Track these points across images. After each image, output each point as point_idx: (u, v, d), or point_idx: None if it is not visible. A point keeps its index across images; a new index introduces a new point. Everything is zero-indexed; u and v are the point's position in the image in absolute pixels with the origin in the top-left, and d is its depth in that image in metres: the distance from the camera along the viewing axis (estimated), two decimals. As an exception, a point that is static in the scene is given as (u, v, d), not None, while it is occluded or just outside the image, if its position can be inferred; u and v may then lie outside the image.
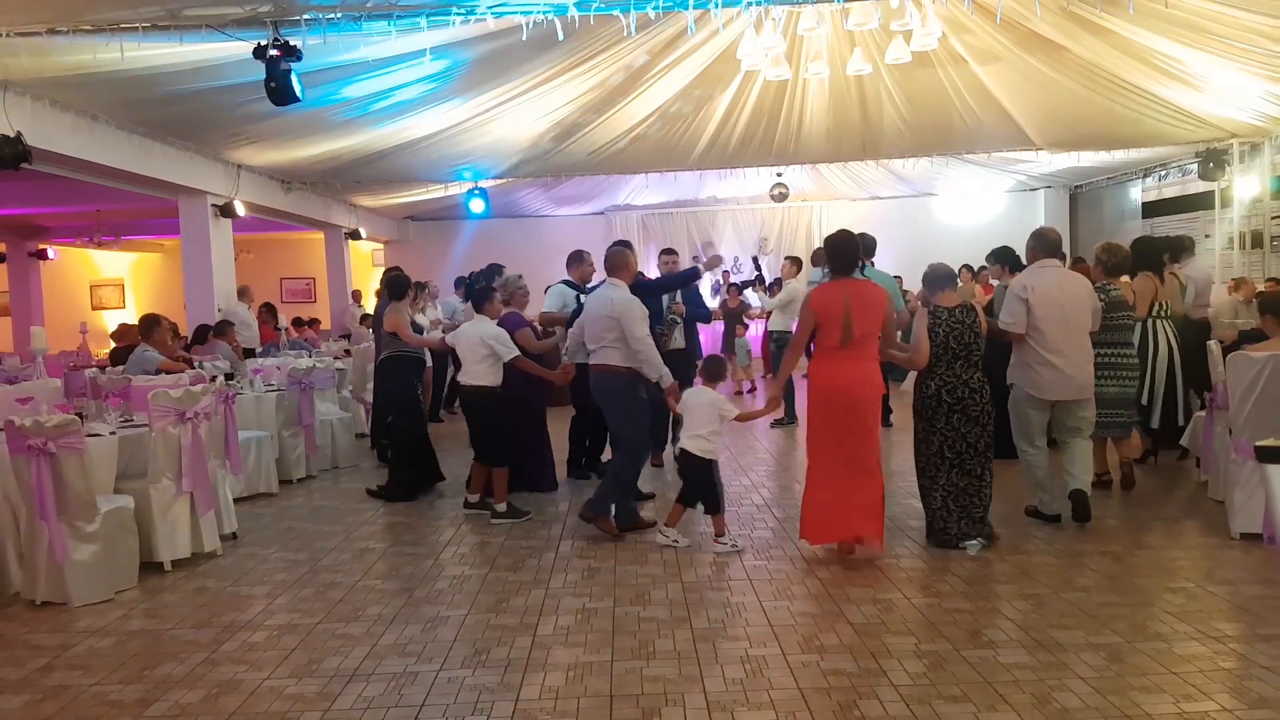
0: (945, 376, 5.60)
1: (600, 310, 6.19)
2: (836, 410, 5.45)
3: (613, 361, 6.16)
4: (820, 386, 5.56)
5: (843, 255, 5.59)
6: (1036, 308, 5.88)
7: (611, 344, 6.13)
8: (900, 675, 3.88)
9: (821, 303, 5.46)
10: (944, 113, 11.65)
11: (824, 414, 5.55)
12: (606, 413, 6.44)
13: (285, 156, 11.98)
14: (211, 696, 3.93)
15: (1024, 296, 5.91)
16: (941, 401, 5.59)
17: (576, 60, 9.16)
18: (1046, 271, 6.05)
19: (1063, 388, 5.93)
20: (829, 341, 5.44)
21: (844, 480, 5.46)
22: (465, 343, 6.82)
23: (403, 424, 7.82)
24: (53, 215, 16.36)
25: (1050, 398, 5.97)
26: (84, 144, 8.95)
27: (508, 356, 6.68)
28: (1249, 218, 13.05)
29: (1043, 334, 5.88)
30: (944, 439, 5.61)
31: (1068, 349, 5.90)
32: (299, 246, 20.30)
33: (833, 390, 5.45)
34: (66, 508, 5.15)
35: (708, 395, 5.93)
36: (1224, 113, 11.17)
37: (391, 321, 7.74)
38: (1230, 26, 8.10)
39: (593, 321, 6.25)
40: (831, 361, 5.47)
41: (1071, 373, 5.91)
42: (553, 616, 4.74)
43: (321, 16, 6.74)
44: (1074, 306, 5.97)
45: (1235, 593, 4.77)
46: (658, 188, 17.00)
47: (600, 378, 6.25)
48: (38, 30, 6.57)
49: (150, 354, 8.24)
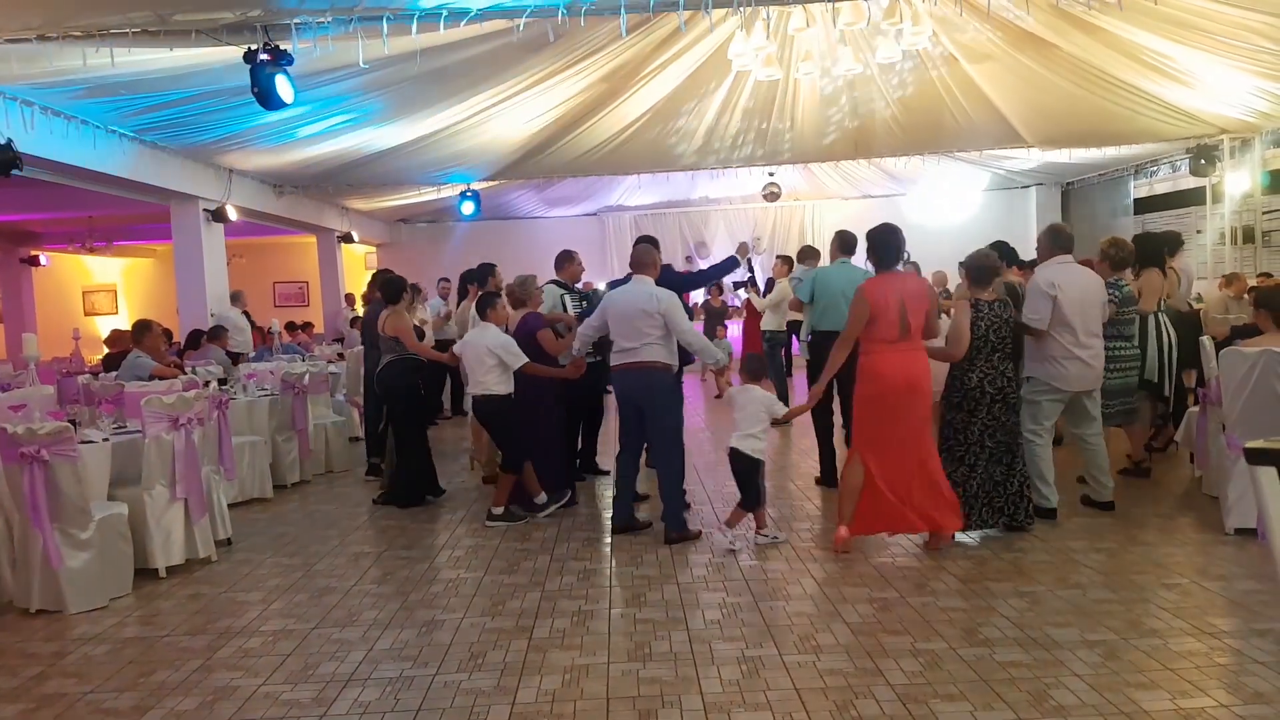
0: (985, 369, 5.74)
1: (640, 305, 5.99)
2: (897, 402, 5.46)
3: (659, 358, 6.03)
4: (880, 379, 5.49)
5: (888, 247, 5.67)
6: (1064, 304, 5.98)
7: (657, 340, 5.99)
8: (896, 674, 3.89)
9: (876, 295, 5.47)
10: (935, 111, 11.68)
11: (882, 407, 5.50)
12: (652, 410, 6.11)
13: (277, 160, 11.96)
14: (207, 703, 3.92)
15: (1051, 294, 5.98)
16: (984, 392, 5.73)
17: (569, 61, 9.17)
18: (1069, 268, 6.15)
19: (1086, 379, 6.09)
20: (886, 334, 5.45)
21: (903, 472, 5.49)
22: (473, 353, 6.69)
23: (411, 427, 7.63)
24: (44, 221, 16.34)
25: (1074, 389, 6.09)
26: (75, 150, 8.93)
27: (516, 365, 6.57)
28: (1240, 213, 13.10)
29: (1070, 329, 5.99)
30: (984, 428, 5.76)
31: (1090, 342, 6.07)
32: (292, 250, 20.30)
33: (894, 383, 5.44)
34: (60, 515, 5.14)
35: (758, 394, 5.89)
36: (1214, 109, 11.21)
37: (395, 326, 7.53)
38: (1220, 23, 8.12)
39: (629, 319, 6.03)
40: (890, 354, 5.46)
41: (1094, 364, 6.10)
42: (549, 619, 4.73)
43: (312, 20, 6.73)
44: (1091, 300, 6.13)
45: (1230, 588, 4.79)
46: (650, 188, 17.04)
47: (645, 374, 6.05)
48: (27, 37, 6.55)
49: (143, 360, 8.22)
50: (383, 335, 7.62)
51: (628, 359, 6.09)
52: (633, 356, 6.06)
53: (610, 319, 6.17)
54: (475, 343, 6.72)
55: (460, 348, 6.93)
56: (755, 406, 5.85)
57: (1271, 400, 5.46)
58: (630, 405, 6.22)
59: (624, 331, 6.07)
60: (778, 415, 5.95)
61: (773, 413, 5.89)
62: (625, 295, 6.18)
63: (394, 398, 7.65)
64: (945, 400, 5.90)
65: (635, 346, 6.03)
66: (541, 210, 18.73)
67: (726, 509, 6.45)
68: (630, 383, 6.15)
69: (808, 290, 7.40)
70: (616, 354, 6.18)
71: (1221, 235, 13.33)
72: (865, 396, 5.59)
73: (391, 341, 7.57)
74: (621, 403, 6.30)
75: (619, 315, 6.10)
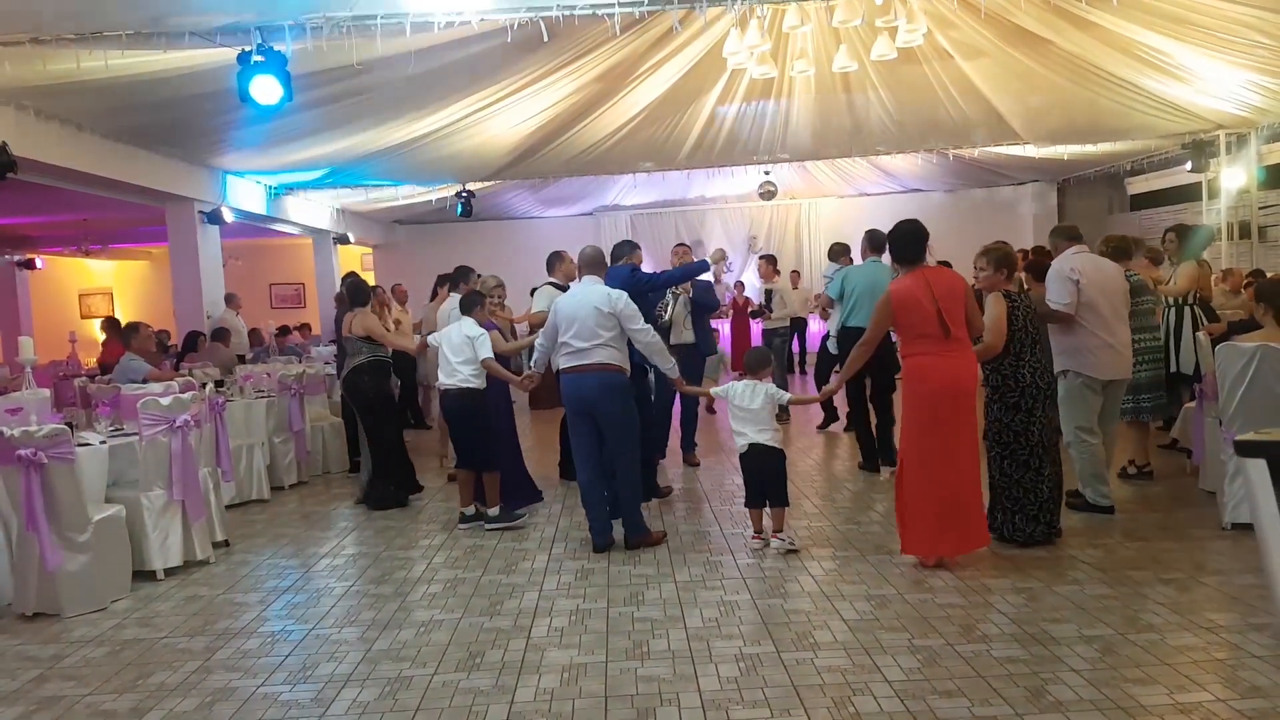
0: (1033, 364, 5.47)
1: (595, 305, 5.81)
2: (945, 407, 5.15)
3: (614, 360, 5.86)
4: (927, 383, 5.18)
5: (912, 244, 5.40)
6: (1086, 288, 5.96)
7: (609, 341, 5.82)
8: (894, 671, 3.89)
9: (903, 296, 5.19)
10: (930, 108, 11.69)
11: (931, 413, 5.17)
12: (607, 412, 5.88)
13: (272, 162, 11.95)
14: (206, 704, 3.92)
15: (1074, 278, 5.96)
16: (1039, 388, 5.47)
17: (563, 61, 9.17)
18: (1085, 255, 6.17)
19: (1118, 367, 6.08)
20: (928, 334, 5.14)
21: (951, 485, 5.14)
22: (449, 343, 6.63)
23: (384, 429, 7.62)
24: (40, 225, 16.31)
25: (1107, 377, 6.05)
26: (70, 153, 8.93)
27: (480, 356, 6.48)
28: (1236, 208, 13.11)
29: (1098, 314, 5.97)
30: (1042, 427, 5.48)
31: (1118, 329, 6.07)
32: (288, 252, 20.28)
33: (942, 387, 5.13)
34: (57, 518, 5.13)
35: (761, 390, 5.73)
36: (1210, 104, 11.22)
37: (364, 325, 7.52)
38: (1214, 18, 8.13)
39: (582, 320, 5.82)
40: (936, 356, 5.15)
41: (1124, 351, 6.11)
42: (546, 618, 4.73)
43: (305, 22, 6.72)
44: (1113, 287, 6.11)
45: (1227, 583, 4.79)
46: (646, 188, 17.03)
47: (604, 376, 5.84)
48: (20, 40, 6.54)
49: (137, 363, 8.21)
50: (350, 337, 7.61)
51: (582, 360, 5.87)
52: (586, 358, 5.85)
53: (561, 320, 5.94)
54: (455, 334, 6.64)
55: (437, 339, 6.83)
56: (764, 402, 5.71)
57: (1268, 395, 5.46)
58: (582, 411, 5.97)
59: (579, 333, 5.84)
60: (783, 402, 5.82)
61: (780, 400, 5.78)
62: (575, 299, 5.98)
63: (363, 400, 7.62)
64: (1000, 401, 5.52)
65: (586, 347, 5.83)
66: (537, 210, 18.73)
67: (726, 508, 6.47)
68: (590, 384, 5.89)
69: (837, 287, 7.47)
70: (566, 356, 5.94)
71: (1218, 230, 13.35)
72: (910, 400, 5.30)
73: (360, 342, 7.54)
74: (571, 411, 6.05)
75: (573, 317, 5.87)
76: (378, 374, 7.63)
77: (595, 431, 5.96)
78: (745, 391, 5.75)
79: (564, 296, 6.19)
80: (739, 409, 5.75)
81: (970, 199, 18.23)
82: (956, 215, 17.61)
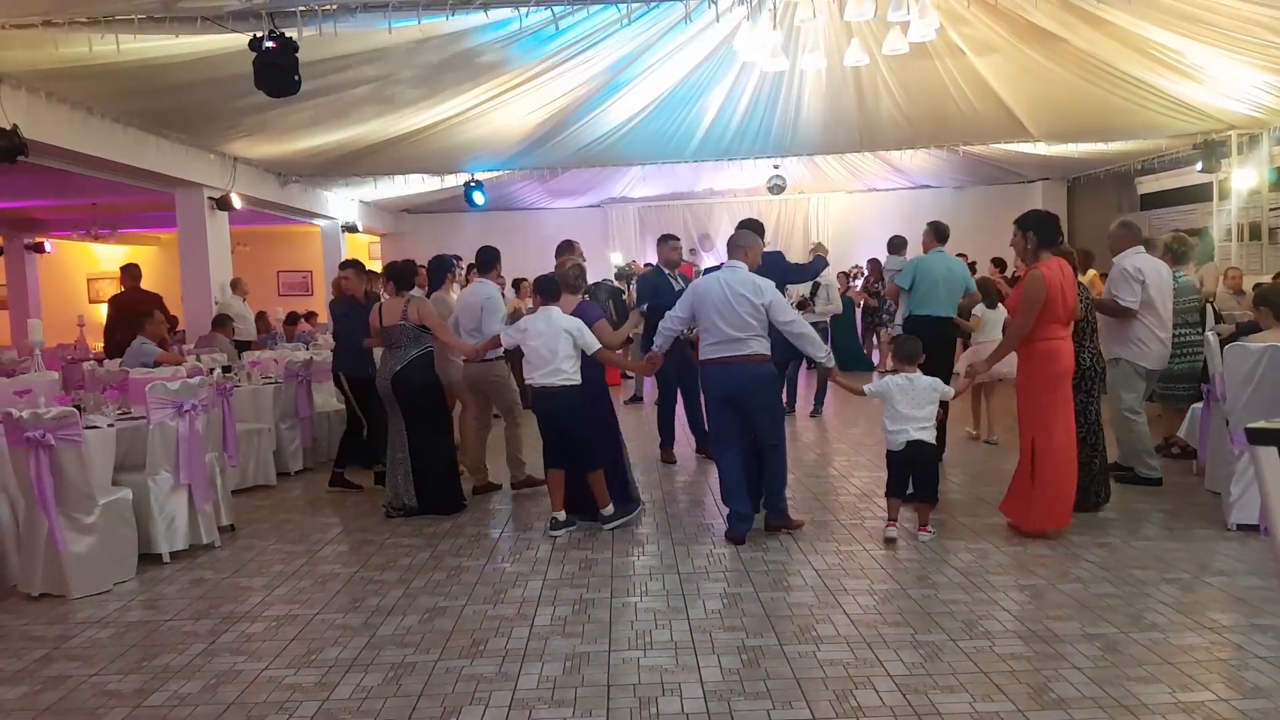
0: (1092, 349, 6.07)
1: (745, 295, 5.58)
2: (1069, 388, 5.70)
3: (765, 350, 5.68)
4: (1059, 364, 5.61)
5: (1056, 227, 5.77)
6: (1150, 287, 6.49)
7: (760, 333, 5.63)
8: (896, 666, 3.89)
9: (1053, 280, 5.52)
10: (941, 104, 11.66)
11: (1063, 393, 5.65)
12: (759, 404, 5.73)
13: (282, 149, 11.96)
14: (210, 687, 3.93)
15: (1140, 279, 6.48)
16: (1097, 372, 6.10)
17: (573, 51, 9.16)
18: (1145, 256, 6.65)
19: (1164, 359, 6.73)
20: (1058, 318, 5.57)
21: (1073, 462, 5.69)
22: (544, 338, 6.00)
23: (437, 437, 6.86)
24: (49, 208, 16.34)
25: (1156, 367, 6.69)
26: (80, 137, 8.94)
27: (592, 349, 6.02)
28: (1247, 209, 13.05)
29: (1156, 312, 6.55)
30: (1098, 406, 6.13)
31: (1169, 325, 6.71)
32: (296, 239, 20.31)
33: (1068, 368, 5.65)
34: (65, 500, 5.16)
35: (927, 380, 5.65)
36: (1222, 104, 11.18)
37: (426, 312, 6.74)
38: (1228, 17, 8.10)
39: (733, 306, 5.58)
40: (1063, 340, 5.64)
41: (1169, 346, 6.73)
42: (550, 607, 4.75)
43: (317, 8, 6.72)
44: (1167, 290, 6.69)
45: (1231, 584, 4.79)
46: (654, 180, 17.01)
47: (756, 367, 5.66)
48: (33, 22, 6.55)
49: (149, 347, 8.24)
50: (404, 325, 6.68)
51: (731, 351, 5.65)
52: (737, 349, 5.63)
53: (713, 311, 5.67)
54: (547, 327, 6.01)
55: (524, 335, 6.12)
56: (927, 392, 5.62)
57: (1276, 396, 5.45)
58: (728, 400, 5.78)
59: (731, 323, 5.60)
60: (949, 397, 5.76)
61: (944, 395, 5.71)
62: (723, 284, 5.67)
63: (418, 401, 6.75)
64: (1069, 384, 5.75)
65: (741, 338, 5.61)
66: (545, 201, 18.72)
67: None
68: (741, 376, 5.68)
69: (908, 277, 7.69)
70: (711, 346, 5.73)
71: (1228, 232, 13.29)
72: (1043, 382, 5.60)
73: (419, 331, 6.71)
74: (717, 401, 5.86)
75: (726, 305, 5.60)
76: (431, 370, 6.89)
77: (739, 421, 5.80)
78: (908, 389, 5.64)
79: (702, 282, 5.90)
80: (899, 410, 5.63)
81: (979, 195, 18.20)
82: (966, 212, 17.56)
